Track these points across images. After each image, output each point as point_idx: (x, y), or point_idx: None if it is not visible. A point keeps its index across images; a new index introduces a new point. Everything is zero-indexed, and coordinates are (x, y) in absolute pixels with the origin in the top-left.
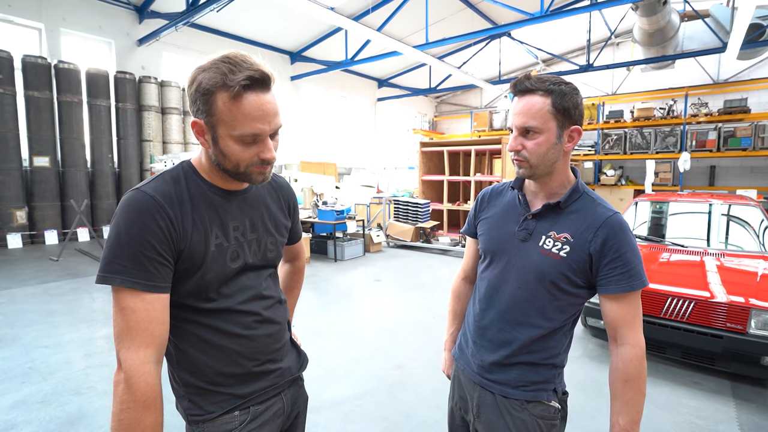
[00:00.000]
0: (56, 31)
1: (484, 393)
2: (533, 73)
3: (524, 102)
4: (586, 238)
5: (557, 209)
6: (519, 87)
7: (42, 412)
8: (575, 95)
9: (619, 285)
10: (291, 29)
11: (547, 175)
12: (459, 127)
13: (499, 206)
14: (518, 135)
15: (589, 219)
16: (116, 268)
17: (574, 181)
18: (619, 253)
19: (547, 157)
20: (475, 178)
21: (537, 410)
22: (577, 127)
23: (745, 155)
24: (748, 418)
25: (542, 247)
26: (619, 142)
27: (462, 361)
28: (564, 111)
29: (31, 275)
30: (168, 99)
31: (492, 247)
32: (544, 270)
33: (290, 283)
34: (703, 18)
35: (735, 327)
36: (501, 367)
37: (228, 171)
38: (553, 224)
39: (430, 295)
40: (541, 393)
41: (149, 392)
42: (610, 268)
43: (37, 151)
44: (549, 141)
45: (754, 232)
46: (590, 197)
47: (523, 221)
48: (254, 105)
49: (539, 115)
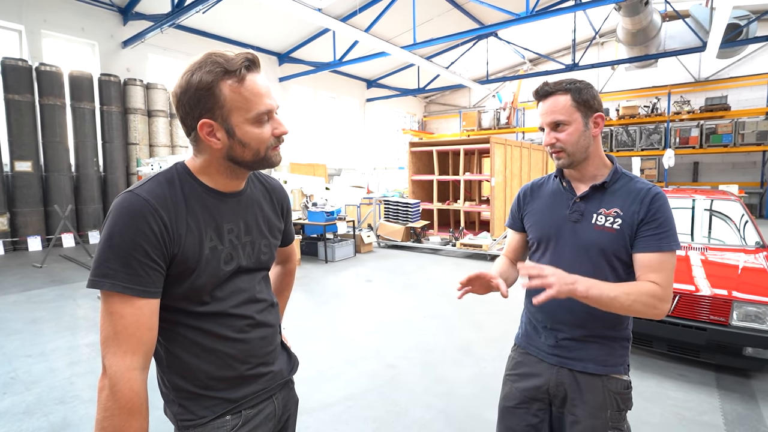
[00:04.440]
0: (37, 33)
1: (561, 372)
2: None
3: (549, 103)
4: (634, 209)
5: (602, 189)
6: (541, 92)
7: (25, 423)
8: (591, 88)
9: (655, 244)
10: (278, 30)
11: (584, 160)
12: (448, 126)
13: (544, 196)
14: (550, 131)
15: (633, 193)
16: (106, 272)
17: (611, 165)
18: (657, 216)
19: (580, 143)
20: (465, 177)
21: (614, 386)
22: (600, 113)
23: (726, 151)
24: (732, 408)
25: (596, 223)
26: (606, 139)
27: (533, 347)
28: (584, 102)
29: (14, 283)
30: (154, 101)
31: (546, 232)
32: (604, 244)
33: (281, 286)
34: (683, 18)
35: (718, 319)
36: (580, 344)
37: (246, 162)
38: (600, 203)
39: (421, 294)
40: (618, 367)
41: (134, 399)
42: (648, 228)
43: (19, 155)
44: (578, 129)
45: (735, 226)
46: (629, 176)
47: (573, 204)
48: (259, 83)
49: (564, 109)
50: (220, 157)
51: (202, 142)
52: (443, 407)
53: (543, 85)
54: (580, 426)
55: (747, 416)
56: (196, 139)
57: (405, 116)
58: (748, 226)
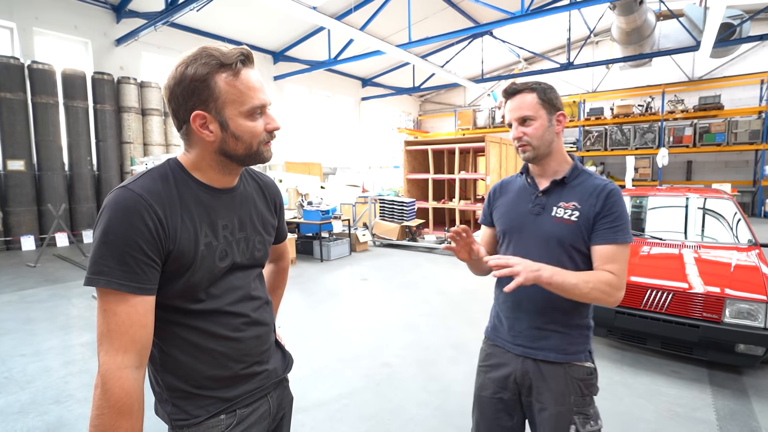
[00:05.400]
0: (29, 30)
1: (526, 362)
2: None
3: (517, 100)
4: (591, 203)
5: (562, 184)
6: (509, 90)
7: (20, 422)
8: (554, 90)
9: (610, 237)
10: (273, 28)
11: (547, 155)
12: (443, 125)
13: (511, 192)
14: (518, 126)
15: (590, 188)
16: (101, 269)
17: (572, 162)
18: (612, 211)
19: (544, 138)
20: (460, 176)
21: (576, 372)
22: (562, 112)
23: (719, 150)
24: (724, 404)
25: (555, 216)
26: (600, 138)
27: (499, 338)
28: (548, 101)
29: (7, 282)
30: (148, 100)
31: (510, 225)
32: (562, 235)
33: (274, 283)
34: (677, 17)
35: (711, 316)
36: (541, 333)
37: (238, 156)
38: (560, 197)
39: (417, 293)
40: (579, 355)
41: (124, 398)
42: (604, 222)
43: (11, 154)
44: (543, 125)
45: (728, 224)
46: (587, 173)
47: (535, 198)
48: (253, 78)
49: (531, 106)
50: (212, 151)
51: (194, 135)
52: (439, 405)
53: (511, 84)
54: (546, 413)
55: (739, 412)
56: (187, 132)
57: (400, 115)
58: (741, 224)
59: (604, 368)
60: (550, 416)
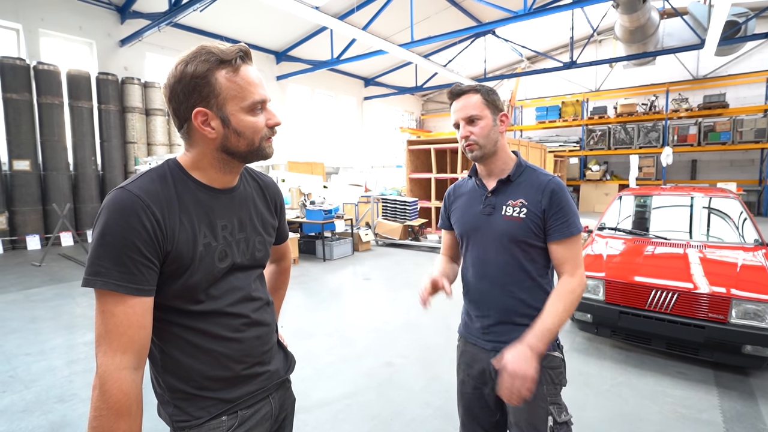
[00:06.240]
0: (35, 32)
1: (497, 356)
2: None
3: (462, 101)
4: (537, 199)
5: (508, 183)
6: (455, 92)
7: (24, 421)
8: (495, 92)
9: (563, 232)
10: (276, 28)
11: (493, 154)
12: (446, 124)
13: (463, 195)
14: (465, 125)
15: (536, 184)
16: (98, 270)
17: (516, 159)
18: (561, 206)
19: (490, 137)
20: (462, 175)
21: (546, 362)
22: (505, 113)
23: (724, 149)
24: (731, 406)
25: (505, 214)
26: (604, 137)
27: (470, 335)
28: (492, 102)
29: (12, 281)
30: (152, 100)
31: (466, 227)
32: (513, 232)
33: (276, 284)
34: (681, 15)
35: (717, 317)
36: (508, 327)
37: (240, 152)
38: (508, 195)
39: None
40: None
41: (123, 399)
42: (555, 218)
43: (17, 154)
44: (489, 124)
45: (734, 223)
46: (531, 168)
47: (485, 199)
48: (253, 74)
49: (477, 106)
50: (213, 149)
51: (195, 133)
52: (441, 404)
53: (456, 86)
54: (523, 402)
55: (746, 414)
56: (188, 131)
57: (403, 114)
58: (747, 223)
59: (609, 369)
60: (525, 404)
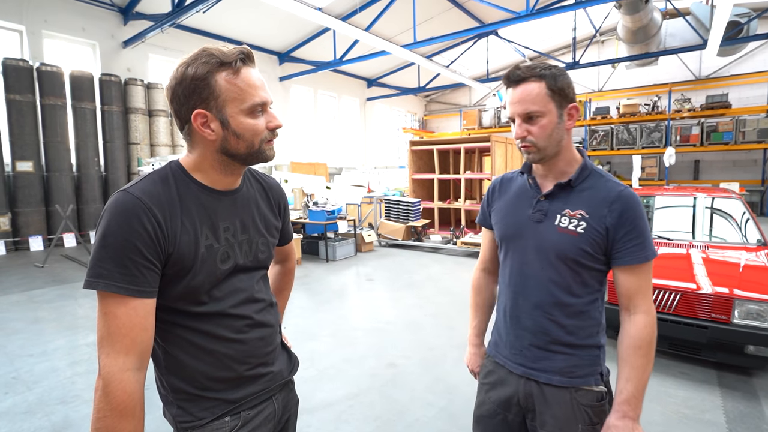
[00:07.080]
0: (38, 33)
1: (529, 384)
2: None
3: (521, 90)
4: (601, 212)
5: (568, 188)
6: (512, 77)
7: (26, 422)
8: (566, 75)
9: (634, 256)
10: (279, 30)
11: (555, 155)
12: (449, 125)
13: (510, 193)
14: (522, 122)
15: (601, 194)
16: (100, 272)
17: (581, 160)
18: (634, 225)
19: (552, 137)
20: (465, 176)
21: (584, 398)
22: (575, 104)
23: (727, 149)
24: (734, 406)
25: (558, 225)
26: (606, 138)
27: (501, 356)
28: (560, 91)
29: (15, 282)
30: (155, 101)
31: (509, 232)
32: (564, 248)
33: (280, 285)
34: (684, 16)
35: (719, 317)
36: (544, 353)
37: (240, 155)
38: (566, 203)
39: (422, 293)
40: (588, 379)
41: (126, 400)
42: (626, 240)
43: (20, 155)
44: (552, 122)
45: (737, 224)
46: (599, 173)
47: (537, 203)
48: (254, 76)
49: (538, 99)
50: (214, 151)
51: (195, 135)
52: (444, 405)
53: (515, 69)
54: None
55: (749, 414)
56: (189, 132)
57: (405, 115)
58: (750, 223)
59: (611, 370)
60: None
